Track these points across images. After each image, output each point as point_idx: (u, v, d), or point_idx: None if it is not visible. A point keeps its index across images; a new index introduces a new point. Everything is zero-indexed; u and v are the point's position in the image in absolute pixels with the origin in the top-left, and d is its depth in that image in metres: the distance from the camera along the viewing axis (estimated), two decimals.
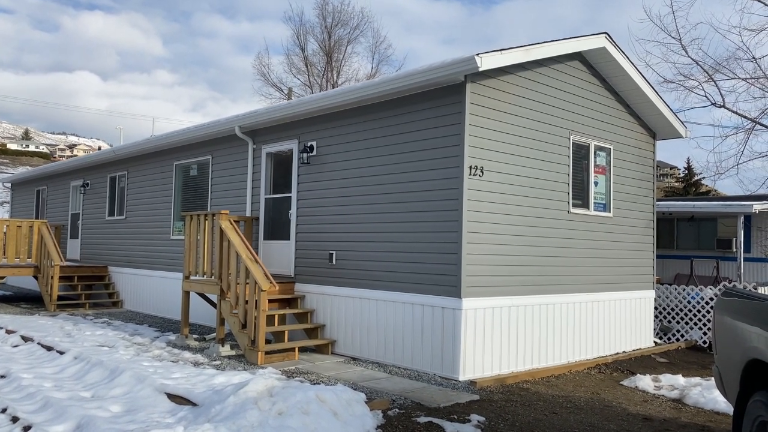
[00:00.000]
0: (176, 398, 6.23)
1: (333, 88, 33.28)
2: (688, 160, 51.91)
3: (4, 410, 5.95)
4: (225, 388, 6.03)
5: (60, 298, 14.19)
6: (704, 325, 11.47)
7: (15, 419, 5.65)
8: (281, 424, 5.17)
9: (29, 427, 5.39)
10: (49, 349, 8.85)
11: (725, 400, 6.69)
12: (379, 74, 34.34)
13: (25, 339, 9.68)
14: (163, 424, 5.37)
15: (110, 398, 6.39)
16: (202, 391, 6.21)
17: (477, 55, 7.32)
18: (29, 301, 15.83)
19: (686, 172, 52.31)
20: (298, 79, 34.98)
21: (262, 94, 36.46)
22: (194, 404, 6.01)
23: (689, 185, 49.71)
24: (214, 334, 10.35)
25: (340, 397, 5.83)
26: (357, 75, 34.65)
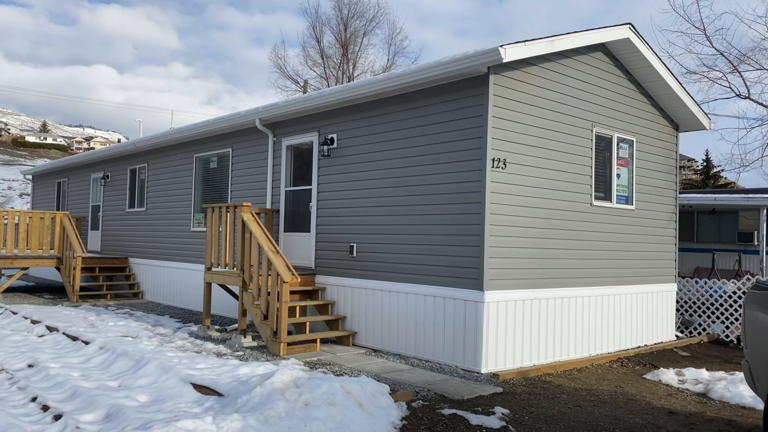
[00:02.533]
0: (202, 389, 6.29)
1: (349, 80, 33.27)
2: (707, 152, 51.29)
3: (34, 399, 6.04)
4: (250, 378, 6.07)
5: (82, 288, 14.37)
6: (726, 319, 11.37)
7: (45, 408, 5.74)
8: (308, 415, 5.20)
9: (60, 416, 5.46)
10: (74, 339, 8.97)
11: (752, 394, 6.66)
12: (395, 66, 34.27)
13: (50, 329, 9.81)
14: (191, 414, 5.43)
15: (137, 388, 6.47)
16: (227, 382, 6.26)
17: (501, 46, 7.27)
18: (51, 291, 16.04)
19: (705, 164, 51.71)
20: (314, 71, 35.03)
21: (279, 86, 36.65)
22: (220, 395, 6.06)
23: (707, 178, 49.16)
24: (236, 325, 10.44)
25: (365, 388, 5.85)
26: (373, 67, 34.63)
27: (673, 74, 10.13)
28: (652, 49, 9.62)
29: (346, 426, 5.24)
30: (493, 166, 7.73)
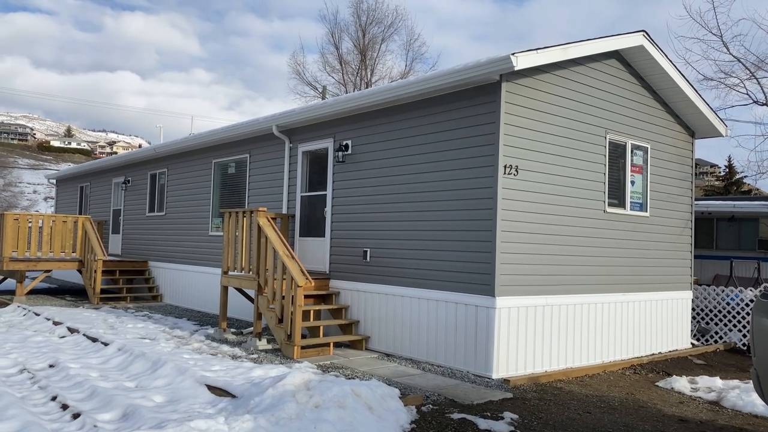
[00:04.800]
0: (216, 390, 6.43)
1: (367, 86, 33.44)
2: (729, 158, 50.74)
3: (54, 398, 6.22)
4: (263, 380, 6.20)
5: (102, 291, 14.65)
6: (744, 327, 11.27)
7: (65, 407, 5.91)
8: (318, 417, 5.31)
9: (78, 415, 5.63)
10: (94, 340, 9.18)
11: (763, 402, 6.61)
12: (412, 72, 34.37)
13: (71, 330, 10.04)
14: (204, 415, 5.56)
15: (153, 389, 6.62)
16: (240, 384, 6.39)
17: (512, 54, 7.34)
18: (73, 293, 16.37)
19: (727, 170, 51.12)
20: (333, 77, 35.25)
21: (297, 92, 36.91)
22: (233, 396, 6.19)
23: (730, 184, 48.58)
24: (251, 328, 10.59)
25: (374, 391, 5.94)
26: (391, 73, 34.75)
27: (688, 81, 10.11)
28: (666, 56, 9.62)
29: (356, 429, 5.33)
30: (505, 173, 7.80)
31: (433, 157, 8.60)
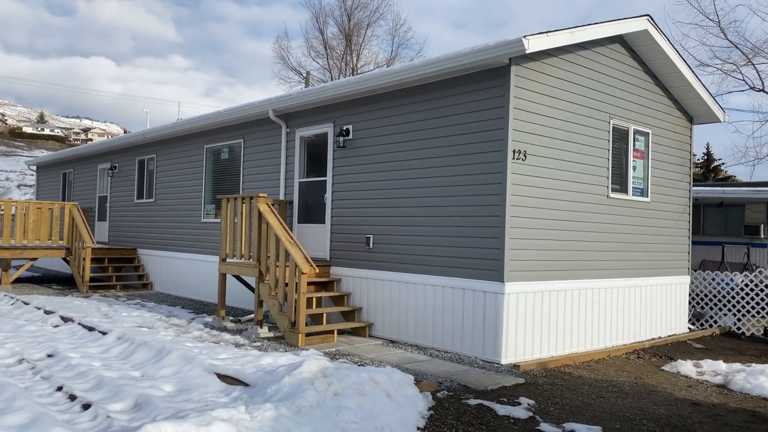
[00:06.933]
0: (227, 378, 6.28)
1: (353, 71, 33.14)
2: (708, 145, 51.35)
3: (60, 388, 6.03)
4: (277, 368, 6.07)
5: (91, 279, 14.34)
6: (738, 311, 11.41)
7: (72, 397, 5.73)
8: (338, 405, 5.21)
9: (88, 405, 5.45)
10: (90, 329, 8.95)
11: None
12: (398, 58, 34.13)
13: (65, 319, 9.79)
14: (220, 404, 5.43)
15: (161, 378, 6.46)
16: (252, 372, 6.25)
17: (524, 37, 7.24)
18: (59, 282, 16.02)
19: (705, 157, 51.76)
20: (318, 62, 34.87)
21: (282, 77, 36.54)
22: (246, 384, 6.06)
23: (708, 171, 49.23)
24: (249, 316, 10.44)
25: (391, 378, 5.86)
26: (377, 58, 34.49)
27: (689, 66, 10.12)
28: (669, 41, 9.60)
29: (376, 416, 5.25)
30: (513, 158, 7.72)
31: (439, 142, 8.49)
